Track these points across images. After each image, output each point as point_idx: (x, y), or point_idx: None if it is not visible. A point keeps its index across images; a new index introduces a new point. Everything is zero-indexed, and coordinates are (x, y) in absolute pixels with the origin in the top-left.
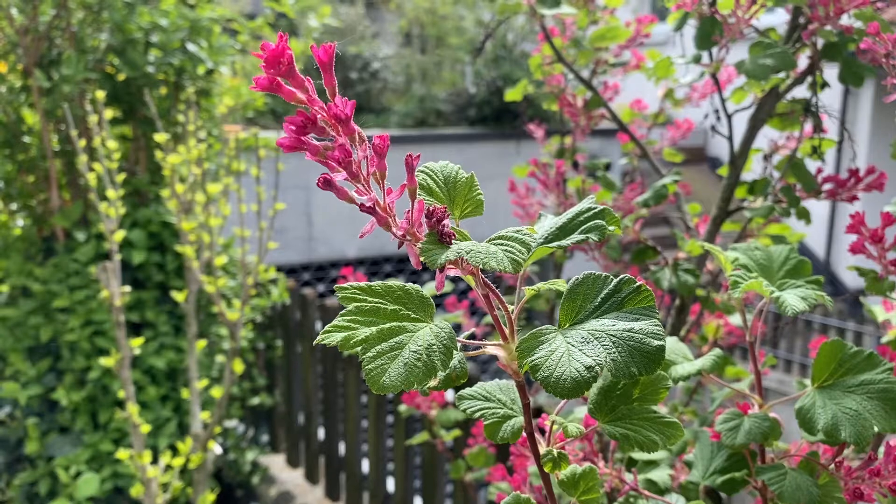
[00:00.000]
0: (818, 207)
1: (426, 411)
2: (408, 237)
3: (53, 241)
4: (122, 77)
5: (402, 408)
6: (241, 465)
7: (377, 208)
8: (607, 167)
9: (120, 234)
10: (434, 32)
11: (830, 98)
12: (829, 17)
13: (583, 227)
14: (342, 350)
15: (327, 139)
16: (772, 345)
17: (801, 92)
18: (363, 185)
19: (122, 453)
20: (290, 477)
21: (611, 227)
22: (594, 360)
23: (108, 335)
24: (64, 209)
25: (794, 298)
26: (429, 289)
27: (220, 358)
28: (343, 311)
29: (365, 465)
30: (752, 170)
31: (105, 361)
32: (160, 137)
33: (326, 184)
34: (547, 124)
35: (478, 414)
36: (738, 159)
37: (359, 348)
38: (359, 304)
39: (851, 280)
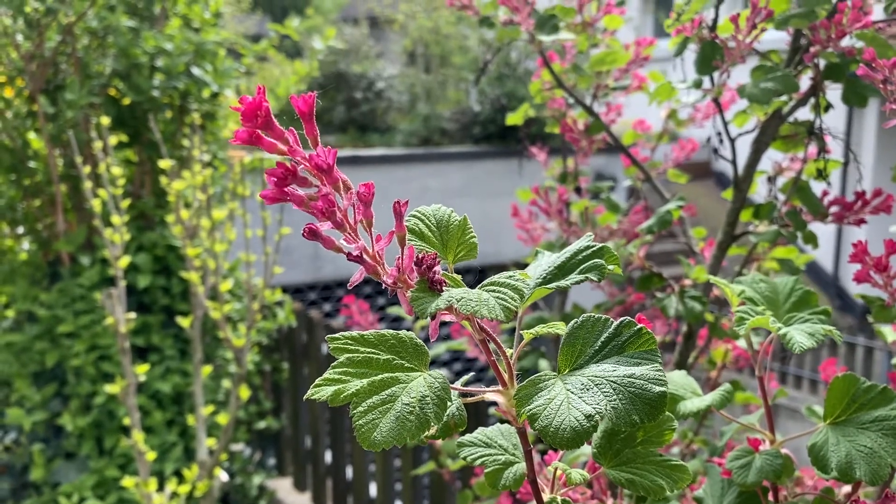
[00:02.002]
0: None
1: (431, 440)
2: (399, 284)
3: (59, 265)
4: (127, 101)
5: None
6: (247, 489)
7: (365, 257)
8: (611, 187)
9: (125, 260)
10: (438, 51)
11: (834, 119)
12: (831, 39)
13: (582, 267)
14: (332, 405)
15: (312, 188)
16: (780, 360)
17: (805, 113)
18: (350, 233)
19: (127, 481)
20: (297, 501)
21: (610, 267)
22: (594, 408)
23: (113, 360)
24: (69, 233)
25: (802, 335)
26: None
27: (225, 382)
28: (334, 363)
29: (373, 489)
30: (757, 192)
31: (110, 388)
32: (165, 164)
33: (312, 234)
34: (550, 142)
35: (479, 461)
36: (743, 183)
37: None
38: (350, 354)
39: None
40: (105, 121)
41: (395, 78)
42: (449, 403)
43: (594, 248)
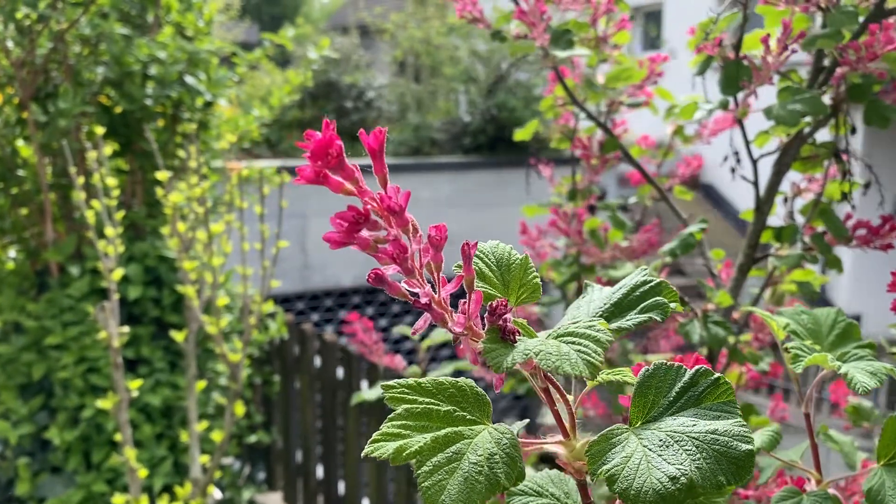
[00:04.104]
0: None
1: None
2: (465, 333)
3: (47, 275)
4: (119, 110)
5: None
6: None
7: (433, 304)
8: (602, 198)
9: (118, 273)
10: (429, 62)
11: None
12: (861, 59)
13: (642, 306)
14: (393, 464)
15: (378, 231)
16: (786, 377)
17: (821, 134)
18: (418, 279)
19: (117, 498)
20: None
21: (672, 304)
22: (678, 469)
23: (102, 372)
24: (58, 243)
25: (863, 375)
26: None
27: (216, 395)
28: (392, 415)
29: None
30: (775, 213)
31: (102, 403)
32: (162, 176)
33: (378, 280)
34: (545, 155)
35: None
36: (764, 205)
37: (413, 461)
38: (409, 405)
39: (848, 306)
40: (99, 130)
41: (384, 87)
42: (519, 462)
43: (651, 284)
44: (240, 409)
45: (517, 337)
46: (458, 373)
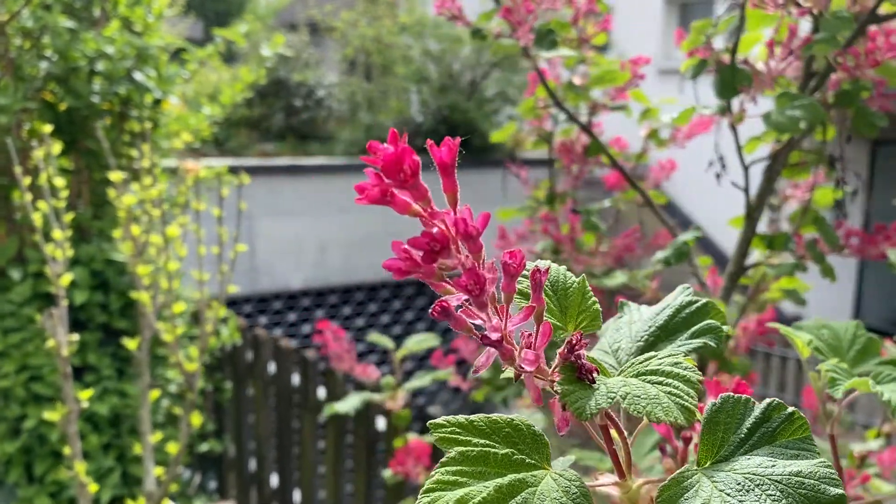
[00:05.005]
0: None
1: (415, 478)
2: (533, 371)
3: None
4: (63, 107)
5: (388, 474)
6: None
7: (503, 341)
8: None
9: (67, 278)
10: (380, 61)
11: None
12: (860, 66)
13: (693, 330)
14: None
15: (448, 259)
16: (763, 384)
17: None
18: (489, 313)
19: None
20: None
21: (724, 328)
22: None
23: (45, 380)
24: None
25: None
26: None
27: (165, 403)
28: (446, 459)
29: None
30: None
31: (50, 415)
32: (116, 177)
33: (444, 313)
34: (494, 156)
35: None
36: (755, 212)
37: None
38: (463, 448)
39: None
40: (47, 128)
41: (335, 86)
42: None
43: (699, 305)
44: (196, 419)
45: (594, 376)
46: (437, 383)
